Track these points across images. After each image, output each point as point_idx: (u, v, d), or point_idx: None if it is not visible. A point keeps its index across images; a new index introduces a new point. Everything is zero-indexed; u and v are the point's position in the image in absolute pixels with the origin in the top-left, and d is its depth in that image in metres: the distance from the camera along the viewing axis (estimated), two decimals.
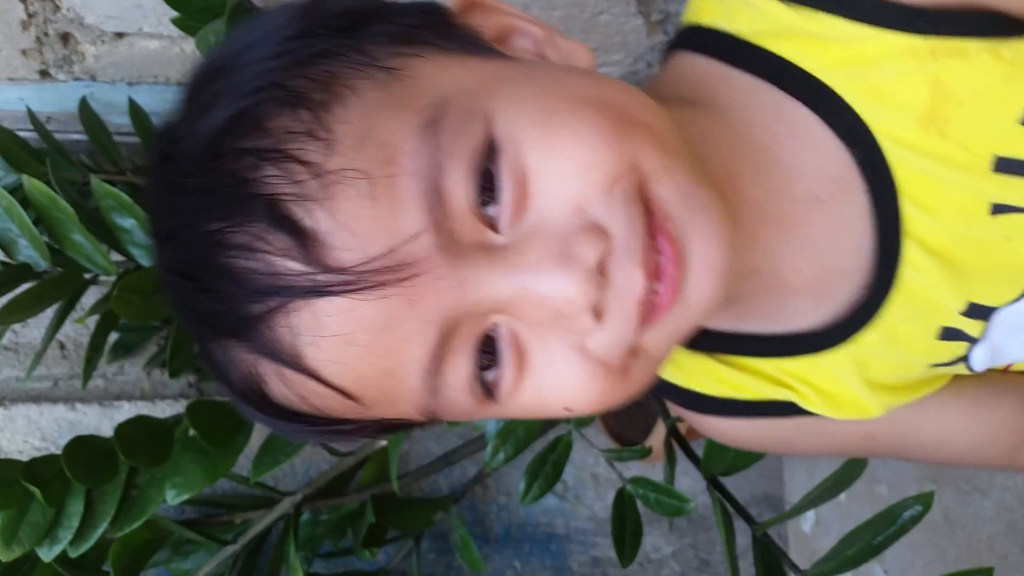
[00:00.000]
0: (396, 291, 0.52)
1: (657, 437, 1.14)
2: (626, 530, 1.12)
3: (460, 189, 0.53)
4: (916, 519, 0.90)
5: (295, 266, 0.52)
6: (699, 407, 0.76)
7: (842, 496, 1.63)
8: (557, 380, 0.57)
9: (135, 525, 1.15)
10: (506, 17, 0.64)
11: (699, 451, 1.08)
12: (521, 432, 1.13)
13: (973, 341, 0.70)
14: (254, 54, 0.57)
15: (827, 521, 1.67)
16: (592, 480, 1.77)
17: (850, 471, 0.94)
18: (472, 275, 0.53)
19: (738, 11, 0.65)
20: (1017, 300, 0.68)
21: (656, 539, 1.78)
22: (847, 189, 0.65)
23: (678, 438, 1.10)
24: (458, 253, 0.53)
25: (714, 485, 1.04)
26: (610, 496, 1.80)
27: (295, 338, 0.54)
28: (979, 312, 0.68)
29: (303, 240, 0.52)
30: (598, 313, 0.54)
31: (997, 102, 0.63)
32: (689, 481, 1.52)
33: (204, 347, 0.61)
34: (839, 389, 0.72)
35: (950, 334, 0.70)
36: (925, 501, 0.90)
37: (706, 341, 0.72)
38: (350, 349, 0.54)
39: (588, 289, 0.53)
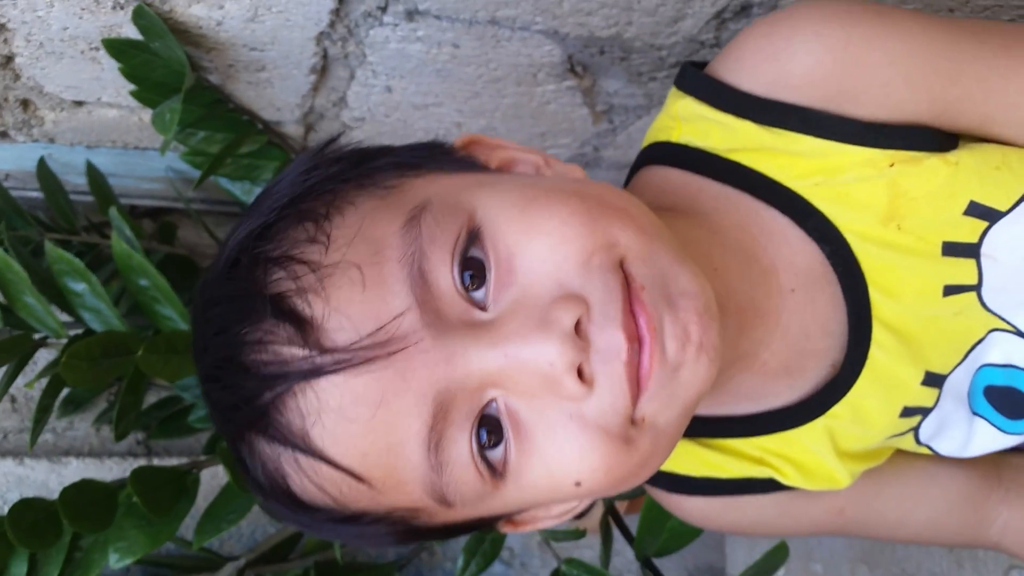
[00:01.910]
0: (387, 364, 0.57)
1: (595, 517, 1.16)
2: None
3: (444, 272, 0.59)
4: None
5: (297, 352, 0.58)
6: (680, 488, 0.80)
7: (780, 573, 1.66)
8: (560, 451, 0.60)
9: None
10: (507, 151, 0.71)
11: (635, 529, 1.10)
12: (488, 545, 1.14)
13: (927, 412, 0.76)
14: (279, 185, 0.65)
15: None
16: (539, 548, 1.78)
17: (773, 559, 0.97)
18: (460, 348, 0.58)
19: (711, 130, 0.72)
20: (960, 364, 0.74)
21: None
22: (819, 280, 0.72)
23: (615, 518, 1.12)
24: (444, 329, 0.58)
25: (646, 565, 1.06)
26: (555, 565, 1.81)
27: (303, 420, 0.59)
28: (934, 380, 0.74)
29: (303, 327, 0.58)
30: (587, 378, 0.58)
31: (945, 198, 0.70)
32: (626, 559, 1.54)
33: (235, 450, 0.65)
34: (813, 461, 0.77)
35: (910, 412, 0.75)
36: None
37: (687, 427, 0.75)
38: (351, 426, 0.58)
39: (566, 350, 0.57)
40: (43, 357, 1.50)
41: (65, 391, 1.57)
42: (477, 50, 1.14)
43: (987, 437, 0.77)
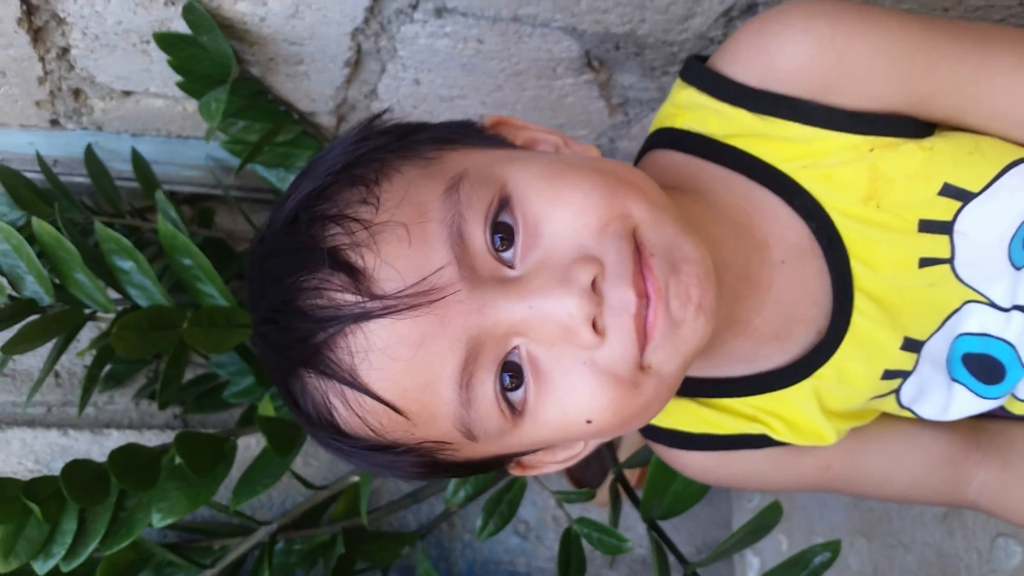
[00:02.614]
0: (427, 311, 0.65)
1: (604, 492, 1.24)
2: (571, 565, 1.22)
3: (479, 233, 0.67)
4: (826, 564, 1.00)
5: (350, 297, 0.66)
6: (681, 444, 0.88)
7: (784, 546, 1.73)
8: (573, 392, 0.68)
9: (123, 544, 1.24)
10: (530, 131, 0.80)
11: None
12: (505, 506, 1.22)
13: (907, 376, 0.83)
14: (330, 154, 0.73)
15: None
16: (553, 522, 1.86)
17: (768, 516, 1.04)
18: (491, 300, 0.66)
19: (710, 117, 0.80)
20: (937, 331, 0.82)
21: None
22: (806, 253, 0.80)
23: (624, 484, 1.19)
24: (478, 283, 0.67)
25: (652, 527, 1.14)
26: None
27: (351, 357, 0.67)
28: (912, 345, 0.82)
29: (356, 276, 0.66)
30: (600, 330, 0.66)
31: (921, 180, 0.78)
32: (638, 533, 1.62)
33: (285, 387, 0.73)
34: (801, 418, 0.85)
35: (891, 374, 0.83)
36: (833, 548, 1.00)
37: (687, 387, 0.84)
38: (394, 364, 0.67)
39: (584, 303, 0.65)
40: (85, 336, 1.59)
41: (106, 368, 1.66)
42: (500, 45, 1.22)
43: (965, 402, 0.85)
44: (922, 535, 1.45)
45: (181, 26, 1.14)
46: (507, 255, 0.68)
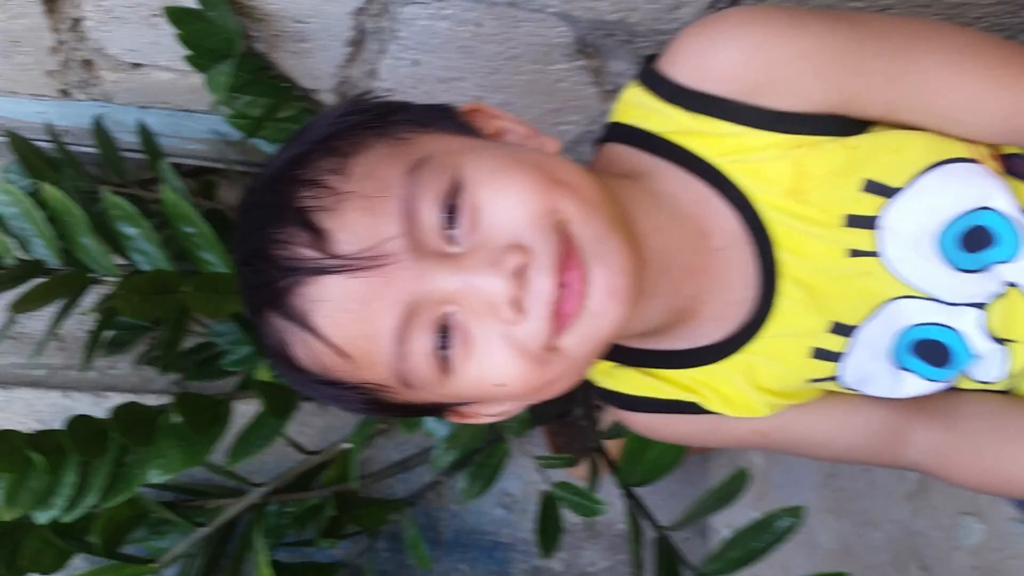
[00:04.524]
0: (376, 273, 0.73)
1: (584, 466, 1.30)
2: (548, 525, 1.28)
3: (429, 212, 0.74)
4: (790, 529, 1.06)
5: (310, 253, 0.74)
6: (628, 406, 0.94)
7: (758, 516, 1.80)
8: (490, 359, 0.76)
9: (122, 498, 1.29)
10: (501, 121, 0.86)
11: None
12: (466, 437, 1.29)
13: (839, 358, 0.88)
14: (317, 124, 0.81)
15: None
16: (537, 495, 1.91)
17: (734, 483, 1.10)
18: (430, 271, 0.74)
19: (651, 116, 0.85)
20: (870, 319, 0.86)
21: (593, 554, 1.93)
22: (739, 241, 0.85)
23: (603, 454, 1.25)
24: (422, 255, 0.74)
25: (628, 493, 1.19)
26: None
27: (307, 304, 0.75)
28: (842, 330, 0.87)
29: (318, 236, 0.74)
30: (522, 310, 0.74)
31: (844, 177, 0.82)
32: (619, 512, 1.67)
33: (257, 324, 0.81)
34: (733, 391, 0.90)
35: (820, 354, 0.88)
36: (795, 514, 1.06)
37: (632, 358, 0.91)
38: (342, 315, 0.75)
39: (509, 285, 0.73)
40: (89, 301, 1.64)
41: (109, 334, 1.71)
42: (497, 29, 1.27)
43: (916, 386, 0.90)
44: (890, 513, 1.51)
45: (191, 1, 1.19)
46: (452, 234, 0.75)
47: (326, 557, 1.76)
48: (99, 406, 1.70)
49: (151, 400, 1.71)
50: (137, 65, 1.40)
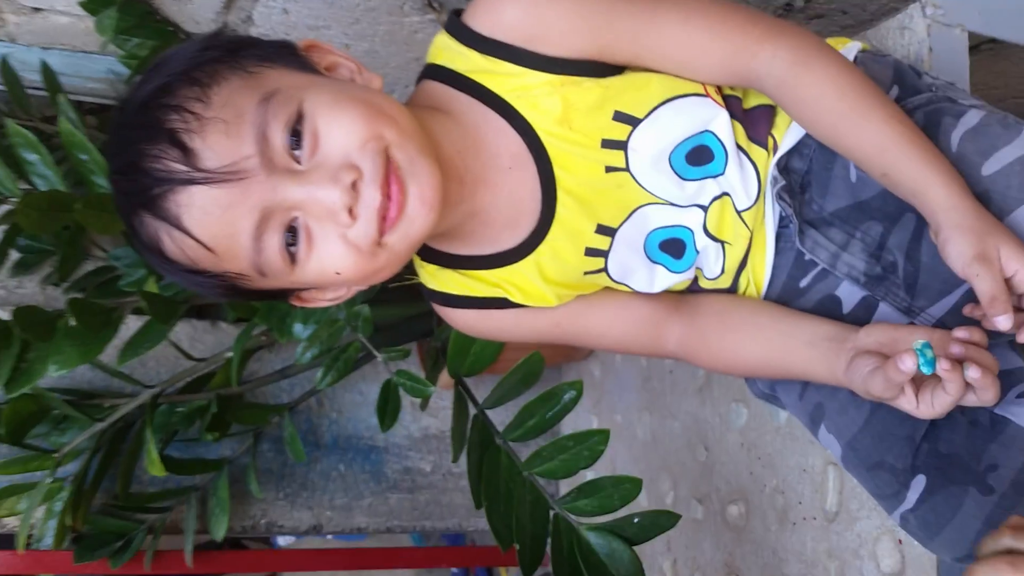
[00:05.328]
0: (235, 185, 0.90)
1: (447, 379, 1.50)
2: (388, 406, 1.50)
3: (278, 136, 0.92)
4: (574, 400, 1.28)
5: (181, 167, 0.90)
6: (448, 303, 1.15)
7: (594, 424, 2.03)
8: (329, 253, 0.94)
9: (25, 388, 1.48)
10: (334, 56, 1.04)
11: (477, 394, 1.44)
12: (325, 336, 1.50)
13: (606, 254, 1.10)
14: (177, 56, 0.97)
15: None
16: (411, 406, 2.14)
17: (531, 364, 1.32)
18: (280, 183, 0.92)
19: (456, 58, 1.06)
20: (626, 221, 1.08)
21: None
22: (525, 161, 1.06)
23: (439, 352, 1.46)
24: (273, 171, 0.91)
25: (457, 381, 1.41)
26: (424, 420, 2.18)
27: (178, 208, 0.91)
28: (605, 231, 1.08)
29: (187, 153, 0.89)
30: (354, 215, 0.92)
31: (599, 109, 1.04)
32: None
33: (129, 222, 0.97)
34: (530, 286, 1.12)
35: (591, 251, 1.10)
36: (577, 387, 1.28)
37: (450, 261, 1.12)
38: (208, 217, 0.91)
39: (344, 196, 0.91)
40: None
41: (16, 256, 1.88)
42: None
43: (664, 277, 1.13)
44: (684, 405, 1.76)
45: None
46: (297, 154, 0.93)
47: (214, 455, 1.96)
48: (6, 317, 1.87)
49: None
50: (37, 9, 1.57)
